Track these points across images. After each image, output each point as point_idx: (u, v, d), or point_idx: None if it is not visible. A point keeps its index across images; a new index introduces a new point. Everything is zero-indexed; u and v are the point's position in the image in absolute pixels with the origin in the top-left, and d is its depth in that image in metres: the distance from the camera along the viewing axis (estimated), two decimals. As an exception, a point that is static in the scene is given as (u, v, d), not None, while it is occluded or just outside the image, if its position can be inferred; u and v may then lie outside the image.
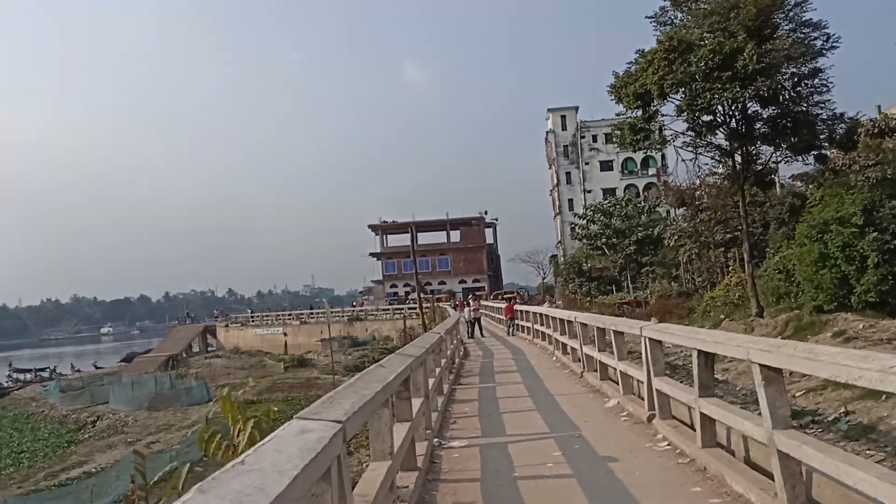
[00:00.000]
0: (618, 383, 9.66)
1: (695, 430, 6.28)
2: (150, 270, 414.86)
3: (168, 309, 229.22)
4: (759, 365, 4.52)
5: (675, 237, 38.27)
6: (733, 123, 17.15)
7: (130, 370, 66.39)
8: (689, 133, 18.31)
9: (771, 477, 4.82)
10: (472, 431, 8.24)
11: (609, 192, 73.09)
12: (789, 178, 30.38)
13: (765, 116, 17.60)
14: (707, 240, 37.20)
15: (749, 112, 17.47)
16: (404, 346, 15.37)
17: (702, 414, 5.97)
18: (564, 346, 15.81)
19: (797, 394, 8.74)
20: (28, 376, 73.67)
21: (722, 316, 22.02)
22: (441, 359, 11.14)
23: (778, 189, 29.70)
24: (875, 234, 14.28)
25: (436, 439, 7.61)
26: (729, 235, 31.44)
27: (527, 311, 25.35)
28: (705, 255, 37.74)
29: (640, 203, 46.72)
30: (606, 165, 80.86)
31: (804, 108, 17.10)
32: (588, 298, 50.31)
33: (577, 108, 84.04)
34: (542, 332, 20.77)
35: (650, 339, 7.52)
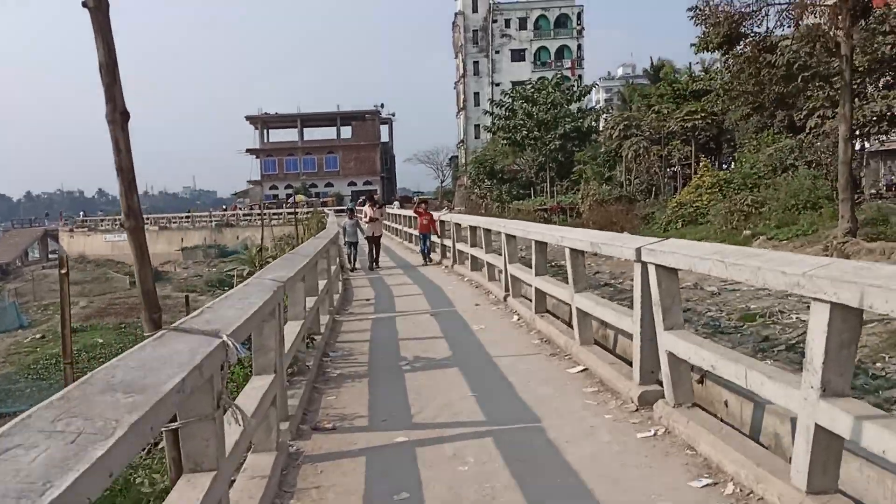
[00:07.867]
0: None
1: None
2: (7, 166, 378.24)
3: (31, 210, 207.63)
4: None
5: (619, 126, 30.59)
6: None
7: (-55, 283, 54.06)
8: None
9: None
10: None
11: (518, 84, 64.66)
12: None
13: None
14: (653, 134, 29.88)
15: None
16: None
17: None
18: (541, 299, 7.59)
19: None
20: None
21: (746, 232, 14.43)
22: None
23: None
24: None
25: None
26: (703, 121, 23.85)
27: (457, 224, 15.94)
28: (650, 150, 30.53)
29: (570, 86, 38.36)
30: (518, 55, 71.89)
31: None
32: (498, 204, 42.91)
33: (491, -13, 73.85)
34: (484, 261, 12.27)
35: None
